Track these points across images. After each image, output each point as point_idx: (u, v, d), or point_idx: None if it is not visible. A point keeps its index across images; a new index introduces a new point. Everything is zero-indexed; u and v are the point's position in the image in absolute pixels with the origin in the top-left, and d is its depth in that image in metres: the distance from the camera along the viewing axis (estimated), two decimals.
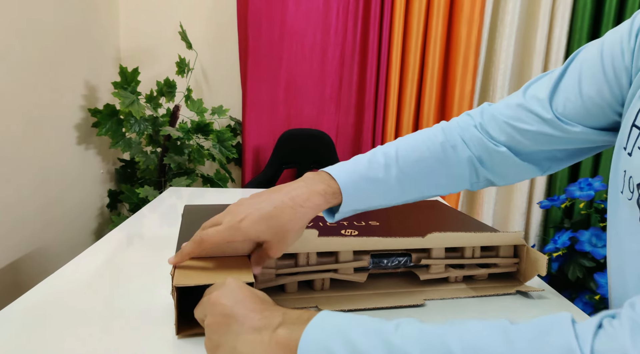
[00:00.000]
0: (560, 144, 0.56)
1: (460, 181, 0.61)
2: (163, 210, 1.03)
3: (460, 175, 0.60)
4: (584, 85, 0.52)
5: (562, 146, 0.57)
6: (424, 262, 0.65)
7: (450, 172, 0.59)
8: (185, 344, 0.50)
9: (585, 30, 1.86)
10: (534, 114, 0.55)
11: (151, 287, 0.63)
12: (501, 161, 0.59)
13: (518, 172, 0.60)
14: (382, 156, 0.57)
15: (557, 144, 0.56)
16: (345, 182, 0.54)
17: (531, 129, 0.55)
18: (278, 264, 0.60)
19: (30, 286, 0.61)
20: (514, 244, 0.69)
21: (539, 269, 0.64)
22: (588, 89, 0.52)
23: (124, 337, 0.50)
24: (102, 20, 1.81)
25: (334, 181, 0.54)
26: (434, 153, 0.58)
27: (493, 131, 0.59)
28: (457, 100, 1.90)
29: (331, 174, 0.54)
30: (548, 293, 0.67)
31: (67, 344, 0.48)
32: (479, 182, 0.62)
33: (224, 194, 1.24)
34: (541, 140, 0.56)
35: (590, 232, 1.67)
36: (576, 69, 0.53)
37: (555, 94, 0.55)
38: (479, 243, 0.66)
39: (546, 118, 0.54)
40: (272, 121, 1.94)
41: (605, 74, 0.50)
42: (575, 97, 0.53)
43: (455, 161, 0.59)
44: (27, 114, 1.32)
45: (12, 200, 1.26)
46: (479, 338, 0.33)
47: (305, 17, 1.87)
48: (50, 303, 0.57)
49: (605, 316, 0.33)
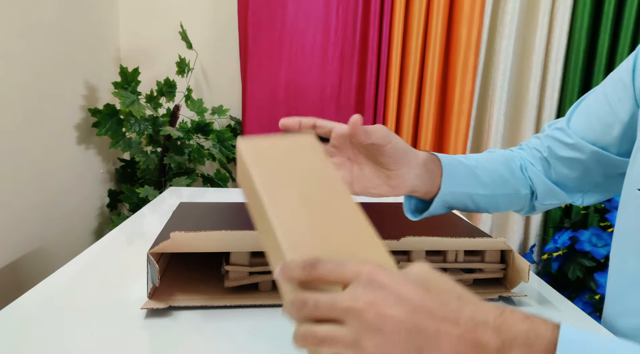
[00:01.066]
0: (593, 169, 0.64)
1: (520, 198, 0.68)
2: (163, 210, 1.03)
3: (522, 193, 0.67)
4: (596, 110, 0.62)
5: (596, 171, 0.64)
6: (403, 265, 0.63)
7: (516, 183, 0.67)
8: (186, 343, 0.50)
9: (584, 30, 1.86)
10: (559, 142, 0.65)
11: None
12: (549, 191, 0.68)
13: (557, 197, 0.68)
14: (464, 157, 0.66)
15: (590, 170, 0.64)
16: (445, 158, 0.61)
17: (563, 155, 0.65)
18: (252, 262, 0.60)
19: (30, 286, 0.61)
20: (498, 250, 0.67)
21: (522, 277, 0.63)
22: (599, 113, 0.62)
23: (124, 337, 0.51)
24: (102, 20, 1.81)
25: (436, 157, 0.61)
26: (504, 165, 0.67)
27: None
28: (457, 100, 1.90)
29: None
30: (530, 299, 0.66)
31: (67, 344, 0.49)
32: (530, 206, 0.69)
33: (224, 193, 1.24)
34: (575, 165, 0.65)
35: (590, 232, 1.67)
36: (583, 109, 0.65)
37: (571, 121, 0.65)
38: (457, 247, 0.65)
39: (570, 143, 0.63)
40: (272, 121, 1.94)
41: (608, 101, 0.60)
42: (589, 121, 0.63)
43: (521, 178, 0.67)
44: (27, 113, 1.32)
45: (12, 200, 1.26)
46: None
47: (305, 17, 1.87)
48: (50, 302, 0.58)
49: None
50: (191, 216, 0.71)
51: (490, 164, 0.66)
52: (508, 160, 0.68)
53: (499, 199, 0.65)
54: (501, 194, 0.65)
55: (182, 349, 0.49)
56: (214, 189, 1.31)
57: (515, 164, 0.68)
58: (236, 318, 0.56)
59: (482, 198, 0.64)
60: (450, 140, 1.96)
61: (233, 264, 0.59)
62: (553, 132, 0.66)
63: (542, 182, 0.67)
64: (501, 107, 1.95)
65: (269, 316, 0.56)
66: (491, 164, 0.66)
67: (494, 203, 0.66)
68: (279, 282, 0.35)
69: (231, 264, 0.59)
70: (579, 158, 0.63)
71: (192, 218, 0.69)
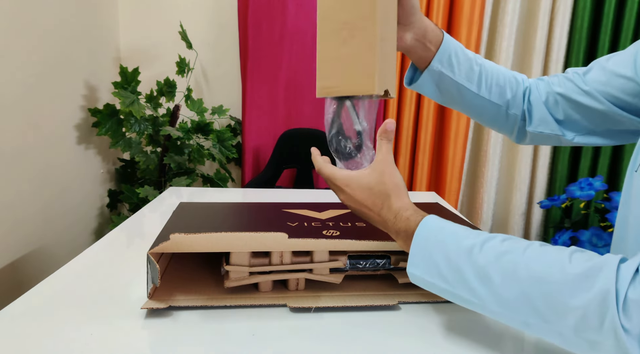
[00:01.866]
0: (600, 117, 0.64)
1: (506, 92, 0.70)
2: (163, 210, 1.03)
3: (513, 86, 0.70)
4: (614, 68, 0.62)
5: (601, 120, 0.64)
6: (403, 264, 0.63)
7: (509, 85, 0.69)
8: (186, 343, 0.50)
9: (585, 30, 1.86)
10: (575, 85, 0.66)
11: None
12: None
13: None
14: (474, 54, 0.69)
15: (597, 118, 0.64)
16: (448, 40, 0.65)
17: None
18: (252, 262, 0.60)
19: (30, 286, 0.61)
20: None
21: None
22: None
23: (124, 337, 0.51)
24: (102, 20, 1.81)
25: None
26: (508, 74, 0.70)
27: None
28: None
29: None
30: None
31: (67, 344, 0.49)
32: (515, 106, 0.70)
33: (224, 193, 1.24)
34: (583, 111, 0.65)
35: (590, 232, 1.67)
36: (605, 63, 0.63)
37: (590, 72, 0.64)
38: None
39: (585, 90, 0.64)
40: (272, 121, 1.94)
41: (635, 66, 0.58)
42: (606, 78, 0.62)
43: (519, 100, 0.70)
44: (27, 114, 1.32)
45: (13, 200, 1.26)
46: (542, 270, 0.41)
47: (305, 17, 1.87)
48: (50, 302, 0.57)
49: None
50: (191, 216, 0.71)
51: (494, 72, 0.68)
52: (517, 81, 0.70)
53: (487, 106, 0.69)
54: (490, 102, 0.68)
55: (182, 349, 0.49)
56: (214, 189, 1.31)
57: (521, 87, 0.70)
58: (236, 318, 0.55)
59: (470, 96, 0.67)
60: (450, 140, 1.96)
61: (233, 264, 0.59)
62: (573, 76, 0.67)
63: (540, 111, 0.69)
64: None
65: (269, 316, 0.56)
66: (496, 72, 0.68)
67: (480, 108, 0.69)
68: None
69: (231, 264, 0.59)
70: (589, 105, 0.64)
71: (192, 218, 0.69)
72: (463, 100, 0.69)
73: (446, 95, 0.69)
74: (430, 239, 0.49)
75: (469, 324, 0.56)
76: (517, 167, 2.02)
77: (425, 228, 0.50)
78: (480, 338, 0.53)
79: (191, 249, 0.56)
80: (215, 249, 0.56)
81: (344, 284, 0.64)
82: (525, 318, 0.42)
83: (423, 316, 0.58)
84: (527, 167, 2.01)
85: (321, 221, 0.70)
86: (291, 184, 1.99)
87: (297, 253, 0.61)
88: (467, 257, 0.46)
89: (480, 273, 0.44)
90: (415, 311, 0.59)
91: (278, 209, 0.77)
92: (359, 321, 0.56)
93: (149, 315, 0.55)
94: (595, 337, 0.38)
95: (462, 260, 0.46)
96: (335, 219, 0.72)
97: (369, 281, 0.66)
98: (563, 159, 1.98)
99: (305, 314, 0.57)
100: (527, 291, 0.41)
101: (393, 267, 0.64)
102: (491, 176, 2.02)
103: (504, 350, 0.51)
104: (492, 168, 2.01)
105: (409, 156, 1.99)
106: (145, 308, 0.55)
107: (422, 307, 0.61)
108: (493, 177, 2.02)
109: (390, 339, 0.52)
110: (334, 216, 0.74)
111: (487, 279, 0.44)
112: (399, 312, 0.59)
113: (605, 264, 0.39)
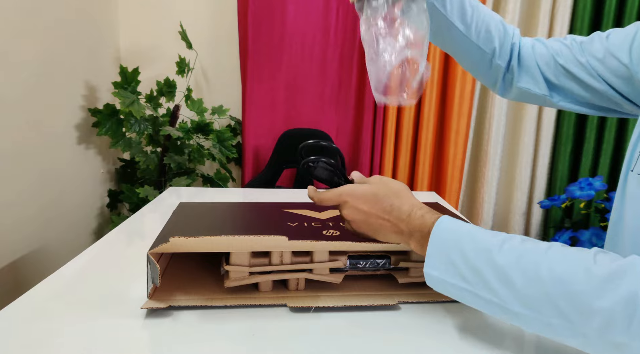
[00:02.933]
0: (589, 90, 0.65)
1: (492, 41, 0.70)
2: (163, 210, 1.03)
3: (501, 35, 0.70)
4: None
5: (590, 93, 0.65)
6: (403, 265, 0.63)
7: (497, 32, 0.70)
8: (186, 343, 0.50)
9: (585, 31, 1.86)
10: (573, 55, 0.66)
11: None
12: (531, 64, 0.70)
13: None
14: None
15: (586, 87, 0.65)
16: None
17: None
18: (252, 262, 0.60)
19: (31, 286, 0.61)
20: None
21: None
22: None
23: (124, 337, 0.51)
24: (102, 20, 1.81)
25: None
26: (499, 23, 0.71)
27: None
28: (458, 100, 1.90)
29: None
30: None
31: (67, 344, 0.48)
32: (502, 56, 0.71)
33: (224, 193, 1.24)
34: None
35: (590, 232, 1.67)
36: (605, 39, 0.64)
37: (593, 43, 0.65)
38: None
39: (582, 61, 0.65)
40: (272, 121, 1.94)
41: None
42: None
43: (505, 51, 0.71)
44: (27, 114, 1.32)
45: (12, 200, 1.26)
46: (565, 270, 0.41)
47: (305, 18, 1.87)
48: (50, 302, 0.57)
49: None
50: (191, 216, 0.71)
51: (487, 17, 0.69)
52: (507, 32, 0.71)
53: (473, 49, 0.70)
54: (476, 46, 0.69)
55: (182, 349, 0.49)
56: (214, 189, 1.31)
57: (509, 39, 0.71)
58: (236, 318, 0.55)
59: (458, 36, 0.68)
60: (450, 140, 1.96)
61: (233, 264, 0.59)
62: (572, 45, 0.67)
63: (532, 68, 0.69)
64: (501, 107, 1.95)
65: (269, 316, 0.56)
66: (488, 18, 0.69)
67: (465, 50, 0.71)
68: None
69: (231, 264, 0.59)
70: (586, 81, 0.65)
71: (191, 218, 0.69)
72: (450, 39, 0.69)
73: (435, 31, 0.69)
74: (448, 240, 0.48)
75: (469, 324, 0.56)
76: (518, 167, 2.02)
77: (441, 228, 0.49)
78: (480, 337, 0.53)
79: (191, 249, 0.56)
80: (216, 249, 0.57)
81: (344, 284, 0.64)
82: (548, 318, 0.41)
83: (423, 316, 0.58)
84: (528, 167, 2.01)
85: (321, 221, 0.70)
86: (291, 184, 1.99)
87: (297, 253, 0.61)
88: (487, 258, 0.45)
89: (500, 273, 0.44)
90: (415, 311, 0.59)
91: (278, 209, 0.77)
92: (359, 321, 0.56)
93: (148, 315, 0.55)
94: (622, 339, 0.37)
95: (482, 260, 0.45)
96: (335, 219, 0.72)
97: (369, 281, 0.66)
98: (563, 159, 1.98)
99: (305, 314, 0.57)
100: (551, 291, 0.41)
101: (393, 267, 0.64)
102: (492, 176, 2.02)
103: (504, 350, 0.51)
104: (492, 168, 2.01)
105: (409, 155, 1.99)
106: (145, 308, 0.55)
107: (422, 307, 0.60)
108: (493, 177, 2.02)
109: (390, 339, 0.52)
110: (334, 216, 0.74)
111: (509, 280, 0.43)
112: (399, 312, 0.59)
113: (631, 266, 0.38)
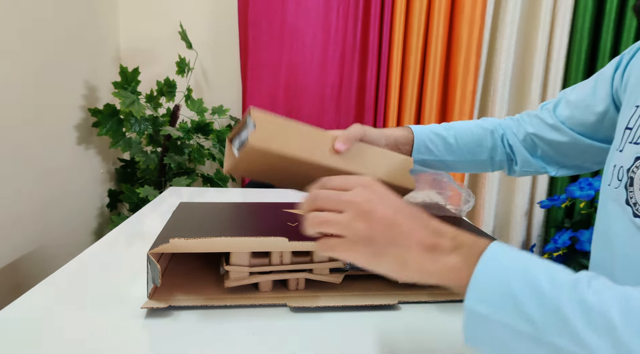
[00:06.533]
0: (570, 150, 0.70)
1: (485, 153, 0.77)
2: (163, 210, 1.03)
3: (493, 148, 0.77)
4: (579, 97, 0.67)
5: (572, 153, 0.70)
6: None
7: (487, 146, 0.77)
8: (186, 343, 0.50)
9: (586, 30, 1.85)
10: (541, 120, 0.72)
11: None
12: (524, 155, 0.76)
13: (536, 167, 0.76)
14: (440, 126, 0.77)
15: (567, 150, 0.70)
16: (418, 133, 0.74)
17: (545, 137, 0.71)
18: (252, 262, 0.60)
19: (30, 286, 0.61)
20: None
21: None
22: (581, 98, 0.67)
23: (124, 337, 0.50)
24: (102, 20, 1.81)
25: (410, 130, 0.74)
26: (480, 130, 0.77)
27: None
28: (459, 100, 1.90)
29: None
30: None
31: (67, 344, 0.48)
32: (497, 157, 0.77)
33: (224, 193, 1.24)
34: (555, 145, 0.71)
35: (590, 232, 1.67)
36: (571, 94, 0.70)
37: (559, 105, 0.70)
38: None
39: (550, 123, 0.70)
40: None
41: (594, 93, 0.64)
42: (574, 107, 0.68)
43: (499, 147, 0.77)
44: (27, 113, 1.32)
45: (13, 200, 1.26)
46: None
47: (305, 17, 1.87)
48: (50, 302, 0.57)
49: None
50: (191, 216, 0.71)
51: (468, 133, 0.76)
52: (493, 130, 0.77)
53: (470, 163, 0.77)
54: (472, 160, 0.77)
55: (182, 349, 0.49)
56: (214, 189, 1.31)
57: (498, 134, 0.77)
58: (236, 318, 0.55)
59: (455, 163, 0.76)
60: None
61: (233, 264, 0.59)
62: (541, 112, 0.73)
63: (521, 154, 0.75)
64: (503, 106, 1.95)
65: (269, 316, 0.56)
66: (470, 133, 0.76)
67: (468, 166, 0.78)
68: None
69: (231, 264, 0.59)
70: (556, 140, 0.70)
71: (192, 218, 0.69)
72: (451, 167, 0.78)
73: (436, 167, 0.77)
74: (508, 267, 0.36)
75: None
76: None
77: (498, 252, 0.37)
78: None
79: (191, 250, 0.56)
80: (216, 249, 0.57)
81: (344, 284, 0.64)
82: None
83: (423, 316, 0.58)
84: None
85: None
86: None
87: (297, 253, 0.61)
88: (570, 293, 0.33)
89: (591, 314, 0.32)
90: (415, 311, 0.59)
91: (278, 209, 0.77)
92: (359, 321, 0.56)
93: (148, 315, 0.55)
94: None
95: (564, 296, 0.33)
96: None
97: (369, 281, 0.66)
98: None
99: (305, 314, 0.57)
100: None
101: None
102: (493, 176, 2.01)
103: None
104: None
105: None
106: (146, 308, 0.55)
107: (422, 307, 0.60)
108: (495, 177, 2.02)
109: (390, 339, 0.52)
110: None
111: (607, 323, 0.31)
112: (399, 312, 0.59)
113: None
